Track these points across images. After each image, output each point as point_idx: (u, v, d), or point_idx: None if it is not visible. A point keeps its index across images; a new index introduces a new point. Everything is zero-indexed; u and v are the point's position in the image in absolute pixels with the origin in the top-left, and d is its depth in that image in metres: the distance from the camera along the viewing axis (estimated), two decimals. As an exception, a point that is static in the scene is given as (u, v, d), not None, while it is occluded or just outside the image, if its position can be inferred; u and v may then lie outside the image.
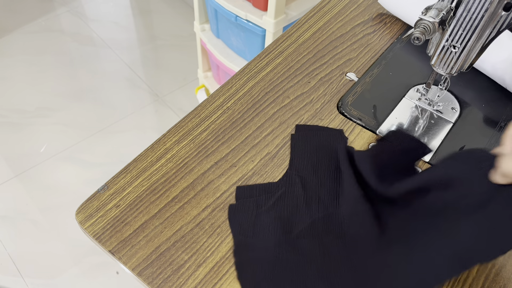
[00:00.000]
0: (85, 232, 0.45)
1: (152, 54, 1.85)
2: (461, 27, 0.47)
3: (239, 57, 1.31)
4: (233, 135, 0.54)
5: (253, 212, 0.46)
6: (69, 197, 1.38)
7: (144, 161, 0.51)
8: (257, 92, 0.59)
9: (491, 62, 0.59)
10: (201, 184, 0.49)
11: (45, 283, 1.22)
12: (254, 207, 0.47)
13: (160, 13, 2.03)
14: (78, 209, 0.47)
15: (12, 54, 1.81)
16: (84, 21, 1.97)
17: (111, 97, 1.67)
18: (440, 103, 0.58)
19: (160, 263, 0.43)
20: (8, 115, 1.60)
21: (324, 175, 0.49)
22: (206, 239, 0.45)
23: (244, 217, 0.46)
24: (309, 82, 0.60)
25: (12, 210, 1.36)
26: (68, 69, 1.77)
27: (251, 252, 0.43)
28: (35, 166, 1.46)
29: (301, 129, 0.54)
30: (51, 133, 1.55)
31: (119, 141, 1.54)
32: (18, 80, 1.72)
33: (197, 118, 0.55)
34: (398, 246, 0.43)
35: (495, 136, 0.56)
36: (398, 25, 0.69)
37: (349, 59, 0.64)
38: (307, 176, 0.49)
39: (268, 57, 0.63)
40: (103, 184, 0.49)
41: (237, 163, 0.51)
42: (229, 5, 1.17)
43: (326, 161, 0.51)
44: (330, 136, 0.53)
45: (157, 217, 0.46)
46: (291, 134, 0.54)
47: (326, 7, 0.71)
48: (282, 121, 0.55)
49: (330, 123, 0.56)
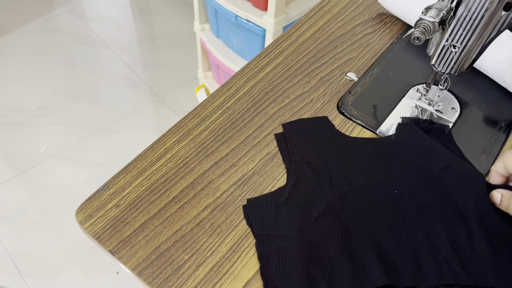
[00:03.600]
0: (85, 232, 0.45)
1: (152, 54, 1.85)
2: (461, 27, 0.47)
3: (239, 57, 1.31)
4: (233, 135, 0.54)
5: (272, 205, 0.47)
6: (69, 197, 1.38)
7: (144, 161, 0.51)
8: (257, 92, 0.59)
9: (491, 62, 0.59)
10: (201, 184, 0.49)
11: (45, 283, 1.22)
12: (272, 200, 0.48)
13: (160, 13, 2.03)
14: (78, 209, 0.47)
15: (12, 54, 1.81)
16: (84, 21, 1.97)
17: (111, 97, 1.67)
18: (440, 103, 0.58)
19: (160, 263, 0.43)
20: (8, 115, 1.60)
21: (326, 156, 0.51)
22: (206, 239, 0.45)
23: (265, 211, 0.47)
24: (309, 82, 0.60)
25: (12, 210, 1.35)
26: (68, 69, 1.77)
27: (275, 244, 0.44)
28: (35, 166, 1.46)
29: (288, 124, 0.55)
30: (51, 133, 1.55)
31: (119, 141, 1.54)
32: (18, 80, 1.72)
33: (197, 118, 0.55)
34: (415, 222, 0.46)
35: (495, 136, 0.56)
36: (398, 25, 0.69)
37: (349, 59, 0.64)
38: (312, 160, 0.51)
39: (268, 57, 0.63)
40: (103, 184, 0.49)
41: (237, 163, 0.51)
42: (229, 5, 1.17)
43: (324, 144, 0.52)
44: (318, 121, 0.55)
45: (157, 217, 0.46)
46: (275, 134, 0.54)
47: (326, 7, 0.71)
48: (282, 121, 0.55)
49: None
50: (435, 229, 0.45)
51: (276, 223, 0.46)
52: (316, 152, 0.51)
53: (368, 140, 0.53)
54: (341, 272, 0.42)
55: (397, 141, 0.53)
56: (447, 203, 0.47)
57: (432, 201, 0.47)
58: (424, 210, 0.46)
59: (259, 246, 0.44)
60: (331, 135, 0.53)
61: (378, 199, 0.47)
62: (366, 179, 0.49)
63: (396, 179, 0.49)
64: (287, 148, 0.52)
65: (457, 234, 0.45)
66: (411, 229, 0.45)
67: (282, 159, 0.52)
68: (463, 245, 0.44)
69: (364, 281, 0.41)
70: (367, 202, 0.47)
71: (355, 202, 0.47)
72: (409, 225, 0.45)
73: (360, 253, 0.43)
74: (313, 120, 0.55)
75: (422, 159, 0.50)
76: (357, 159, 0.51)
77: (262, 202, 0.47)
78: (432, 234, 0.45)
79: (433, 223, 0.45)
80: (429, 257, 0.43)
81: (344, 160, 0.51)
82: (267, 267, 0.43)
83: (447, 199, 0.47)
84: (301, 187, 0.48)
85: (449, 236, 0.45)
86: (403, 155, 0.51)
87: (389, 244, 0.44)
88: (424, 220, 0.46)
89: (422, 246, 0.44)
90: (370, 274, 0.42)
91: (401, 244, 0.44)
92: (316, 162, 0.50)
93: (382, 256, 0.43)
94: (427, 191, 0.48)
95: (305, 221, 0.46)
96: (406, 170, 0.49)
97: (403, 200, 0.47)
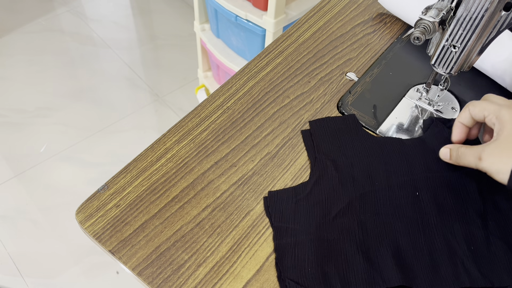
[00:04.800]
0: (85, 232, 0.45)
1: (152, 54, 1.85)
2: (461, 27, 0.47)
3: (239, 57, 1.31)
4: (233, 135, 0.54)
5: (293, 200, 0.48)
6: (69, 197, 1.38)
7: (144, 161, 0.51)
8: (257, 92, 0.59)
9: (491, 62, 0.59)
10: (201, 184, 0.49)
11: (45, 283, 1.22)
12: (293, 195, 0.48)
13: (160, 13, 2.04)
14: (78, 209, 0.47)
15: (12, 54, 1.81)
16: (84, 21, 1.97)
17: (111, 97, 1.67)
18: (440, 103, 0.58)
19: (160, 263, 0.43)
20: (8, 115, 1.60)
21: (351, 155, 0.51)
22: (206, 239, 0.45)
23: (285, 205, 0.47)
24: (309, 82, 0.60)
25: (12, 210, 1.36)
26: (68, 69, 1.77)
27: (292, 237, 0.45)
28: (35, 166, 1.46)
29: (315, 122, 0.56)
30: (51, 133, 1.55)
31: (119, 141, 1.54)
32: (18, 80, 1.72)
33: (197, 118, 0.55)
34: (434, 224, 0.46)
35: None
36: (398, 25, 0.69)
37: (349, 59, 0.64)
38: (336, 158, 0.51)
39: (268, 57, 0.63)
40: (103, 184, 0.49)
41: (237, 163, 0.51)
42: (229, 5, 1.17)
43: (350, 142, 0.53)
44: (345, 120, 0.55)
45: (157, 217, 0.46)
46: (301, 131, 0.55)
47: (326, 7, 0.71)
48: (282, 121, 0.56)
49: (330, 123, 0.56)
50: (453, 231, 0.45)
51: (295, 217, 0.46)
52: (342, 151, 0.52)
53: (394, 140, 0.53)
54: (356, 270, 0.42)
55: (423, 141, 0.53)
56: (467, 204, 0.47)
57: (451, 202, 0.47)
58: (444, 212, 0.46)
59: (276, 238, 0.45)
60: (357, 134, 0.54)
61: (398, 201, 0.48)
62: (388, 180, 0.49)
63: (418, 181, 0.49)
64: (313, 145, 0.53)
65: (474, 234, 0.45)
66: (430, 231, 0.45)
67: (307, 155, 0.52)
68: (480, 245, 0.44)
69: (378, 280, 0.41)
70: (387, 203, 0.47)
71: (375, 202, 0.47)
72: (428, 227, 0.45)
73: (376, 252, 0.44)
74: (340, 118, 0.55)
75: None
76: (382, 160, 0.51)
77: (283, 195, 0.48)
78: (450, 235, 0.45)
79: (451, 225, 0.46)
80: (445, 259, 0.43)
81: (369, 160, 0.51)
82: (282, 259, 0.43)
83: (467, 199, 0.47)
84: (323, 184, 0.49)
85: (467, 237, 0.45)
86: (427, 157, 0.51)
87: (406, 245, 0.44)
88: (443, 222, 0.46)
89: (440, 248, 0.44)
90: (385, 273, 0.42)
91: (418, 246, 0.44)
92: (340, 161, 0.51)
93: (398, 256, 0.43)
94: (447, 192, 0.48)
95: (323, 217, 0.46)
96: (429, 172, 0.49)
97: (423, 202, 0.47)
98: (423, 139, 0.53)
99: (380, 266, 0.42)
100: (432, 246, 0.44)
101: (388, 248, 0.44)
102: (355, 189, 0.48)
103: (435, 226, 0.45)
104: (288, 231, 0.45)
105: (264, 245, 0.45)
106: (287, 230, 0.45)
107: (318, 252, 0.43)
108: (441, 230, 0.45)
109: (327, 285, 0.41)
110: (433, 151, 0.51)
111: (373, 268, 0.42)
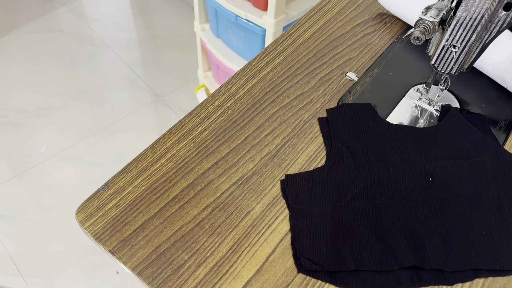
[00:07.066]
0: (85, 232, 0.45)
1: (152, 54, 1.85)
2: (461, 26, 0.47)
3: (239, 57, 1.31)
4: (233, 134, 0.54)
5: (309, 183, 0.49)
6: (69, 197, 1.38)
7: (144, 160, 0.51)
8: (257, 92, 0.59)
9: (491, 62, 0.59)
10: (201, 183, 0.49)
11: (45, 283, 1.22)
12: (310, 179, 0.49)
13: (160, 13, 2.03)
14: (78, 209, 0.47)
15: (12, 54, 1.81)
16: (84, 21, 1.97)
17: (111, 97, 1.67)
18: (440, 102, 0.58)
19: (160, 262, 0.43)
20: (8, 115, 1.60)
21: (367, 142, 0.53)
22: (206, 239, 0.45)
23: (301, 188, 0.48)
24: (309, 81, 0.60)
25: (12, 210, 1.35)
26: (68, 69, 1.77)
27: (308, 219, 0.46)
28: (35, 166, 1.46)
29: (332, 110, 0.56)
30: (51, 133, 1.55)
31: (119, 141, 1.54)
32: (18, 80, 1.72)
33: (197, 118, 0.55)
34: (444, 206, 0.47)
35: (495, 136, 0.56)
36: (398, 25, 0.69)
37: (349, 59, 0.64)
38: (352, 145, 0.52)
39: (268, 56, 0.63)
40: (103, 184, 0.49)
41: (237, 163, 0.51)
42: (229, 4, 1.16)
43: (365, 129, 0.54)
44: (361, 107, 0.56)
45: (157, 216, 0.46)
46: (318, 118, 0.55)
47: (326, 7, 0.71)
48: (282, 121, 0.55)
49: (330, 123, 0.56)
50: (465, 215, 0.46)
51: (311, 200, 0.47)
52: (357, 138, 0.53)
53: (409, 128, 0.54)
54: (370, 251, 0.44)
55: (438, 130, 0.54)
56: (480, 190, 0.48)
57: (464, 188, 0.48)
58: (456, 197, 0.48)
59: (292, 218, 0.46)
60: (373, 121, 0.55)
61: (412, 186, 0.49)
62: (403, 166, 0.50)
63: (432, 167, 0.50)
64: (329, 132, 0.54)
65: (486, 219, 0.46)
66: (442, 215, 0.46)
67: (324, 142, 0.53)
68: (491, 230, 0.45)
69: (391, 261, 0.43)
70: (401, 188, 0.49)
71: (389, 187, 0.49)
72: (441, 211, 0.47)
73: (389, 234, 0.45)
74: (356, 106, 0.57)
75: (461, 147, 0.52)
76: (396, 146, 0.52)
77: (300, 179, 0.49)
78: (462, 220, 0.46)
79: (464, 210, 0.47)
80: (457, 242, 0.44)
81: (384, 147, 0.52)
82: (298, 238, 0.44)
83: (480, 185, 0.48)
84: (339, 170, 0.50)
85: (478, 221, 0.46)
86: (441, 145, 0.52)
87: (419, 228, 0.45)
88: (455, 207, 0.47)
89: (452, 231, 0.45)
90: (398, 254, 0.43)
91: (431, 229, 0.45)
92: (355, 147, 0.52)
93: (411, 238, 0.45)
94: (461, 178, 0.49)
95: (339, 201, 0.47)
96: (443, 159, 0.51)
97: (436, 188, 0.48)
98: (438, 128, 0.54)
99: (393, 247, 0.44)
100: (444, 229, 0.45)
101: (401, 230, 0.45)
102: (370, 174, 0.50)
103: (447, 210, 0.46)
104: (304, 212, 0.46)
105: (264, 245, 0.45)
106: (303, 211, 0.46)
107: (333, 233, 0.45)
108: (453, 214, 0.46)
109: (341, 264, 0.43)
110: (447, 140, 0.52)
111: (386, 249, 0.44)
